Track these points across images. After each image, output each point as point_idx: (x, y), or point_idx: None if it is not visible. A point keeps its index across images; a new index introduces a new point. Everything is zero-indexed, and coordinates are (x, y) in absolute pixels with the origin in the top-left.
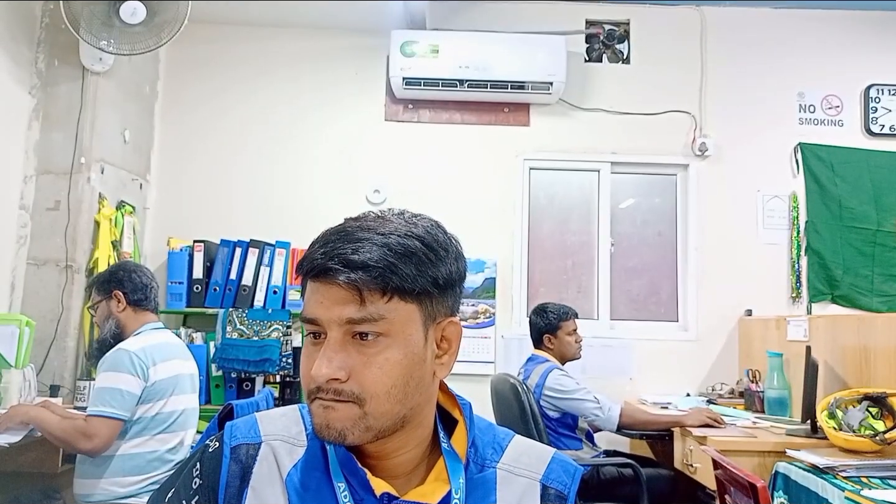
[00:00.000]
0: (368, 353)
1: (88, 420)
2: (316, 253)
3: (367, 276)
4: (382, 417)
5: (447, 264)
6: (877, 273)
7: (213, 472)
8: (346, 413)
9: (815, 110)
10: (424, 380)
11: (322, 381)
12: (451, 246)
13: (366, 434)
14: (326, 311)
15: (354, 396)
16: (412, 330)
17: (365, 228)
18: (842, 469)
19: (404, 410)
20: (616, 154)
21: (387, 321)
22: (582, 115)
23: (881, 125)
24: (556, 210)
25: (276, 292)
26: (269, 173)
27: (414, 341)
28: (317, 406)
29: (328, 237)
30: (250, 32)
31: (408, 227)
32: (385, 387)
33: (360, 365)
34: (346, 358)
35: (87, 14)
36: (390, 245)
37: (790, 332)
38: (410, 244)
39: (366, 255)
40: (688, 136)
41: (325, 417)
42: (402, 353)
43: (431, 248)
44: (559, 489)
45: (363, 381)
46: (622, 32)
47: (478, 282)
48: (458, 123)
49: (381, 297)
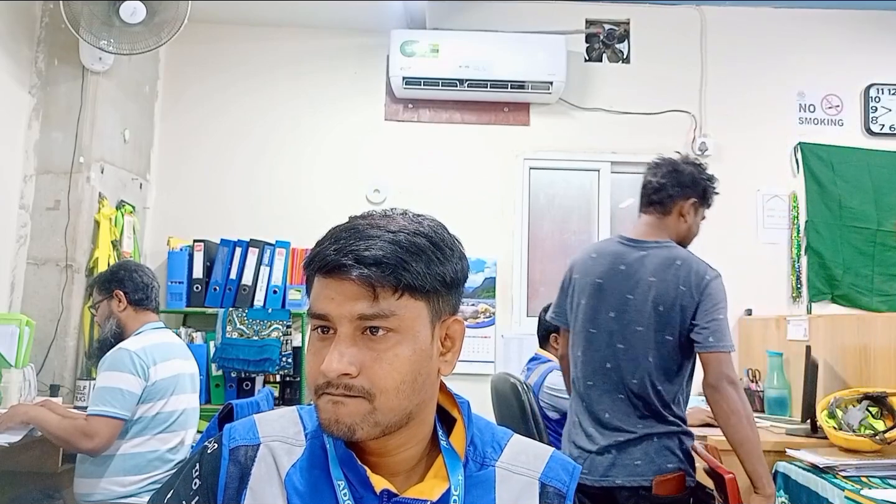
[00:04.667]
0: (378, 349)
1: (89, 419)
2: (328, 249)
3: (380, 273)
4: (391, 413)
5: (453, 263)
6: (877, 273)
7: (211, 473)
8: (355, 408)
9: (815, 110)
10: (430, 377)
11: (333, 375)
12: (456, 245)
13: (374, 429)
14: (338, 306)
15: (364, 392)
16: (420, 327)
17: (374, 226)
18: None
19: (411, 406)
20: (616, 154)
21: (397, 317)
22: (582, 115)
23: (881, 125)
24: (556, 210)
25: (276, 292)
26: (269, 173)
27: (422, 338)
28: (325, 401)
29: (339, 234)
30: (250, 32)
31: (415, 226)
32: (395, 382)
33: (371, 360)
34: (356, 353)
35: (87, 14)
36: (401, 242)
37: (790, 331)
38: (420, 242)
39: (378, 251)
40: (688, 135)
41: (334, 412)
42: (411, 349)
43: (439, 247)
44: (558, 487)
45: (373, 377)
46: (622, 32)
47: (478, 281)
48: (458, 123)
49: (393, 294)
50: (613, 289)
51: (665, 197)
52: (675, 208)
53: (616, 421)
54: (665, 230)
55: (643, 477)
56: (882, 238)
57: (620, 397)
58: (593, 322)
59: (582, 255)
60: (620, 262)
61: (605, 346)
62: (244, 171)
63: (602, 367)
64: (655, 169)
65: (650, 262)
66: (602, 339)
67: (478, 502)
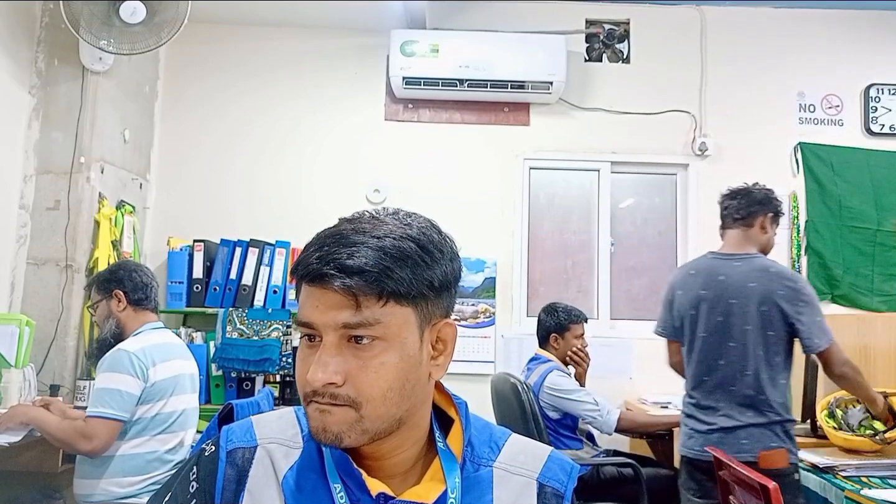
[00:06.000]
0: (364, 357)
1: (88, 421)
2: (311, 257)
3: (362, 282)
4: (378, 420)
5: (442, 266)
6: (877, 273)
7: (209, 475)
8: (342, 417)
9: (815, 110)
10: (420, 382)
11: (318, 385)
12: (446, 246)
13: (362, 437)
14: (322, 315)
15: (350, 400)
16: (407, 333)
17: (360, 231)
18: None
19: (400, 413)
20: (616, 154)
21: (382, 325)
22: (582, 115)
23: (881, 125)
24: (555, 210)
25: (276, 292)
26: (269, 173)
27: (409, 344)
28: (313, 409)
29: (323, 240)
30: (250, 32)
31: (403, 229)
32: (381, 390)
33: (356, 369)
34: (341, 362)
35: (87, 14)
36: (385, 249)
37: None
38: (406, 247)
39: (361, 259)
40: (688, 135)
41: (321, 421)
42: (397, 356)
43: (426, 251)
44: (556, 487)
45: (359, 386)
46: (622, 32)
47: (478, 282)
48: (458, 123)
49: (377, 302)
50: (717, 297)
51: (748, 213)
52: (757, 222)
53: (727, 409)
54: (750, 242)
55: (749, 453)
56: (882, 238)
57: (732, 389)
58: (703, 327)
59: (681, 273)
60: (719, 274)
61: (717, 345)
62: (244, 171)
63: (716, 364)
64: (734, 194)
65: (746, 270)
66: (714, 340)
67: (470, 498)
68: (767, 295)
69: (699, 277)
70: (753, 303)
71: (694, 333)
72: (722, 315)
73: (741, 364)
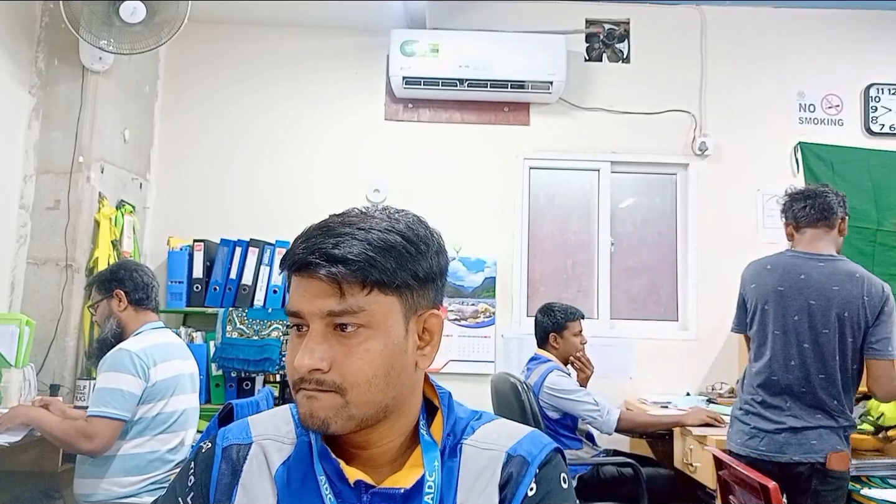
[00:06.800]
0: (349, 344)
1: (89, 421)
2: (298, 248)
3: (346, 270)
4: (364, 406)
5: (427, 258)
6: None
7: (205, 470)
8: (328, 402)
9: (815, 110)
10: (406, 370)
11: (304, 371)
12: (432, 240)
13: (348, 423)
14: (308, 303)
15: (336, 386)
16: (392, 321)
17: (347, 224)
18: None
19: (386, 400)
20: (616, 153)
21: (367, 313)
22: (582, 115)
23: (881, 125)
24: (555, 210)
25: (275, 292)
26: (269, 173)
27: (394, 332)
28: (301, 396)
29: (310, 232)
30: (250, 32)
31: (389, 223)
32: (366, 376)
33: (342, 355)
34: (327, 349)
35: (87, 13)
36: (370, 240)
37: None
38: (391, 238)
39: (346, 249)
40: (688, 135)
41: (308, 407)
42: (382, 343)
43: (412, 243)
44: (524, 455)
45: (344, 371)
46: (622, 32)
47: (478, 281)
48: (458, 123)
49: (361, 290)
50: (796, 295)
51: (832, 214)
52: (837, 223)
53: (796, 409)
54: (831, 243)
55: (818, 454)
56: (882, 238)
57: (802, 391)
58: (778, 324)
59: (755, 267)
60: (799, 272)
61: (791, 345)
62: (244, 171)
63: (787, 364)
64: (810, 193)
65: (830, 272)
66: (789, 339)
67: (447, 482)
68: (851, 301)
69: (776, 273)
70: (835, 307)
71: (765, 329)
72: (798, 314)
73: (817, 367)
